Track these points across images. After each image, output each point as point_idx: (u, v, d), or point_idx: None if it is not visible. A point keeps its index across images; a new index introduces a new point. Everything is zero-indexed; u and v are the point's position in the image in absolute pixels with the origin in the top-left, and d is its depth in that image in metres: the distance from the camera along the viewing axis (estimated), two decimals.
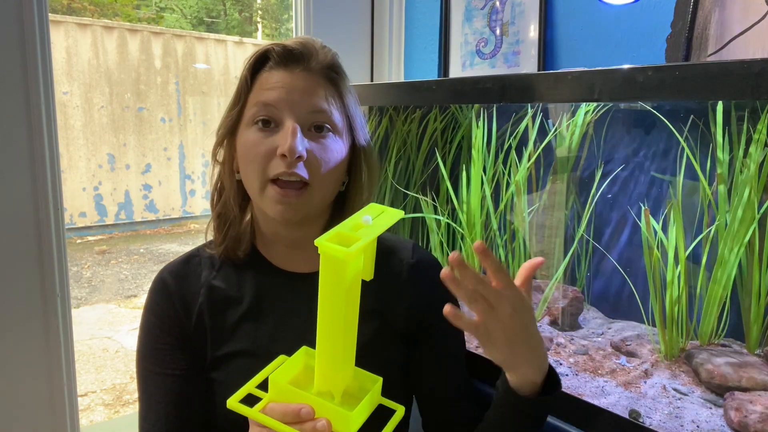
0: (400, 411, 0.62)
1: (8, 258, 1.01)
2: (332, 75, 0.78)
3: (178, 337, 0.79)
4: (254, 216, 0.83)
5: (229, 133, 0.79)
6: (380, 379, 0.62)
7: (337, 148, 0.77)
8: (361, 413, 0.58)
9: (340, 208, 0.83)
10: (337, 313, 0.55)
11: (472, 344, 1.05)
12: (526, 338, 0.64)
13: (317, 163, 0.74)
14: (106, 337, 3.77)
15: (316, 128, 0.76)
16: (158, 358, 0.78)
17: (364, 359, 0.65)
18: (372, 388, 0.61)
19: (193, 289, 0.80)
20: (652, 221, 0.81)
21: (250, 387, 0.62)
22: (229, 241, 0.81)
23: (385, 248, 0.87)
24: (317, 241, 0.53)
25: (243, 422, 0.65)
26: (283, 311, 0.80)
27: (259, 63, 0.77)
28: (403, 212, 0.63)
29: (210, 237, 0.85)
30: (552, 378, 0.70)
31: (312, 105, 0.75)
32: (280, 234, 0.82)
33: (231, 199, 0.81)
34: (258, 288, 0.81)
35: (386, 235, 0.91)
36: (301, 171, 0.73)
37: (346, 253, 0.52)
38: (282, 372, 0.61)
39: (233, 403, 0.59)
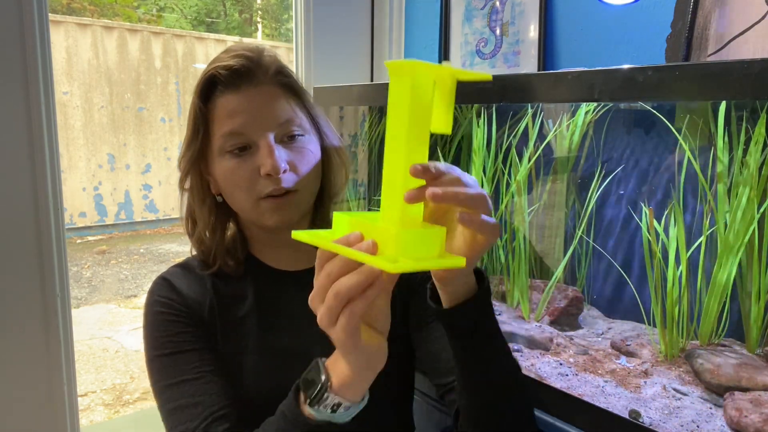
0: (460, 260, 0.53)
1: (8, 258, 1.01)
2: (283, 80, 0.78)
3: (196, 319, 0.77)
4: (243, 225, 0.84)
5: (195, 164, 0.78)
6: (443, 228, 0.53)
7: (312, 148, 0.79)
8: (413, 241, 0.51)
9: (320, 196, 0.84)
10: (399, 142, 0.51)
11: None
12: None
13: (299, 169, 0.76)
14: (106, 337, 3.77)
15: (289, 137, 0.77)
16: (179, 341, 0.75)
17: None
18: (430, 229, 0.53)
19: (199, 284, 0.80)
20: (655, 222, 0.81)
21: (319, 232, 0.57)
22: (220, 259, 0.81)
23: None
24: (387, 62, 0.51)
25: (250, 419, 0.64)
26: (283, 308, 0.81)
27: (207, 90, 0.76)
28: (491, 76, 0.59)
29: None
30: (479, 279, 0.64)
31: (278, 118, 0.75)
32: (272, 238, 0.83)
33: (208, 225, 0.81)
34: (256, 288, 0.82)
35: None
36: (288, 183, 0.75)
37: (412, 71, 0.49)
38: (349, 214, 0.57)
39: (298, 234, 0.55)
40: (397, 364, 0.83)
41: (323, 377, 0.59)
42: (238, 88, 0.75)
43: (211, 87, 0.76)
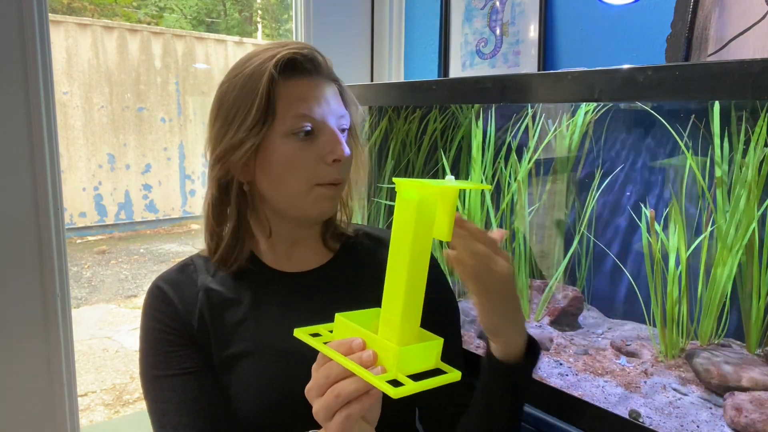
0: (455, 374, 0.59)
1: (8, 258, 1.01)
2: (336, 77, 0.82)
3: (185, 335, 0.78)
4: (258, 221, 0.83)
5: (255, 149, 0.76)
6: (441, 339, 0.59)
7: (351, 144, 0.82)
8: (413, 356, 0.56)
9: None
10: (403, 257, 0.55)
11: (471, 345, 1.05)
12: (515, 297, 0.67)
13: (348, 162, 0.80)
14: (106, 337, 3.77)
15: (341, 131, 0.80)
16: (167, 361, 0.77)
17: None
18: (429, 342, 0.58)
19: (191, 293, 0.80)
20: (655, 223, 0.81)
21: (319, 327, 0.62)
22: (225, 252, 0.81)
23: (382, 241, 0.89)
24: (396, 179, 0.54)
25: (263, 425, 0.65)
26: (284, 310, 0.80)
27: (282, 72, 0.75)
28: (491, 187, 0.63)
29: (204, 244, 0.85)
30: (532, 345, 0.73)
31: (339, 111, 0.79)
32: (287, 234, 0.83)
33: (235, 218, 0.81)
34: (256, 289, 0.81)
35: (380, 230, 0.92)
36: (343, 173, 0.79)
37: (419, 192, 0.52)
38: (349, 315, 0.61)
39: (300, 332, 0.60)
40: None
41: None
42: (311, 75, 0.77)
43: (286, 68, 0.76)
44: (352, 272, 0.85)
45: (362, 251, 0.88)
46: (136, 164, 6.50)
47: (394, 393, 0.51)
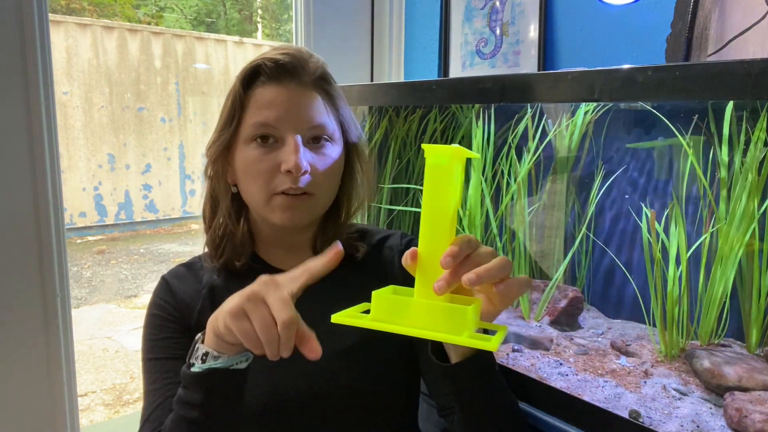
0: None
1: (8, 258, 1.01)
2: (324, 85, 0.80)
3: (183, 326, 0.80)
4: (253, 223, 0.84)
5: (224, 151, 0.79)
6: (479, 300, 0.58)
7: (335, 155, 0.80)
8: (474, 315, 0.54)
9: (336, 206, 0.85)
10: (445, 209, 0.54)
11: None
12: None
13: (319, 173, 0.77)
14: (106, 337, 3.77)
15: (314, 140, 0.78)
16: (162, 346, 0.79)
17: (370, 350, 0.64)
18: (474, 302, 0.56)
19: (195, 289, 0.82)
20: (656, 223, 0.81)
21: (351, 310, 0.60)
22: (227, 255, 0.82)
23: (377, 240, 0.90)
24: (425, 145, 0.54)
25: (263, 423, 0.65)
26: None
27: (250, 79, 0.77)
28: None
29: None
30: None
31: (310, 120, 0.77)
32: (280, 239, 0.83)
33: (225, 214, 0.82)
34: None
35: (375, 228, 0.93)
36: (304, 184, 0.76)
37: (458, 151, 0.53)
38: (388, 290, 0.59)
39: (339, 317, 0.57)
40: (400, 373, 0.84)
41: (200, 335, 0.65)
42: (280, 81, 0.76)
43: (254, 76, 0.77)
44: (354, 273, 0.85)
45: (365, 252, 0.88)
46: (136, 164, 6.50)
47: (491, 345, 0.49)
